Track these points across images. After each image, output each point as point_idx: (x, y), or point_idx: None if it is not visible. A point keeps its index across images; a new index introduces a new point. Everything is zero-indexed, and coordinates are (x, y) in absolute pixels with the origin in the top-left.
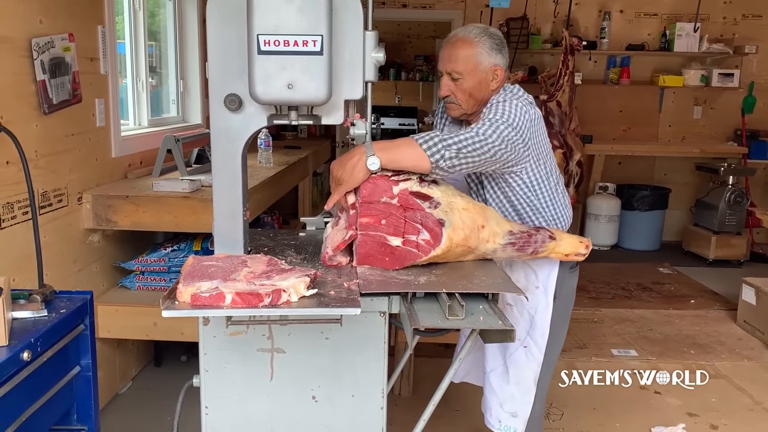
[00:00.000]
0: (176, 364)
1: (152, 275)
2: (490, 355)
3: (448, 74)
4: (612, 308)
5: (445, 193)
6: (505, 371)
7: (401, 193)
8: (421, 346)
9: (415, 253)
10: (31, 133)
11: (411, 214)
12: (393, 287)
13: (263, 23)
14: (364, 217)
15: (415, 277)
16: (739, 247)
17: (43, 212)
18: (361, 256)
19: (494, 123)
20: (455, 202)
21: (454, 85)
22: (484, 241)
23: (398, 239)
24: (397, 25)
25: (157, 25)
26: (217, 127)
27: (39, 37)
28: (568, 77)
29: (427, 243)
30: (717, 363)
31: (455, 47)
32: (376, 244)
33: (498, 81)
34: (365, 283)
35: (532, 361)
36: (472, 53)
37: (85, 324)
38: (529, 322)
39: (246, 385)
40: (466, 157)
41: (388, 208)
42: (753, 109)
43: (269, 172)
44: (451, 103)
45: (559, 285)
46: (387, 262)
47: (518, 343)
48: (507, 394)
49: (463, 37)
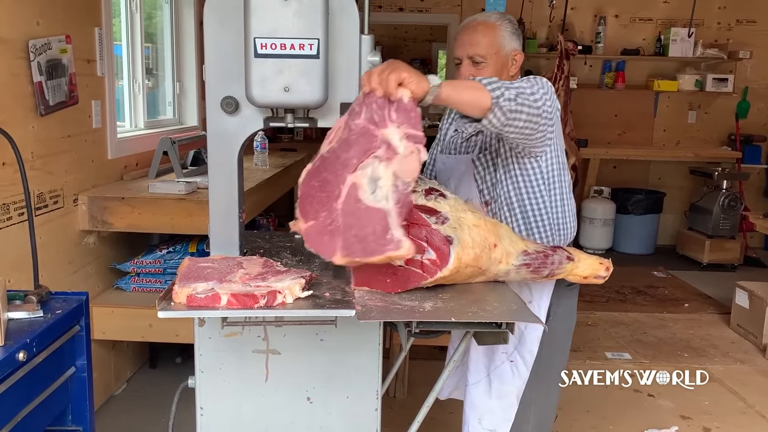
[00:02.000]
0: (171, 366)
1: (148, 277)
2: (473, 368)
3: (469, 59)
4: (606, 311)
5: (454, 208)
6: (488, 385)
7: None
8: (416, 348)
9: (419, 275)
10: (27, 135)
11: (415, 231)
12: (395, 315)
13: (260, 26)
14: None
15: (420, 302)
16: (732, 251)
17: (39, 213)
18: (359, 278)
19: (539, 85)
20: (465, 218)
21: (476, 70)
22: (497, 261)
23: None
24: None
25: (154, 27)
26: (214, 130)
27: (36, 38)
28: (564, 81)
29: (433, 263)
30: (710, 366)
31: (476, 31)
32: (377, 263)
33: (516, 67)
34: (364, 309)
35: (517, 378)
36: (494, 36)
37: (81, 325)
38: (518, 338)
39: (241, 386)
40: (521, 106)
41: None
42: (747, 114)
43: (265, 174)
44: None
45: (555, 302)
46: (388, 285)
47: (504, 356)
48: (487, 408)
49: (484, 21)
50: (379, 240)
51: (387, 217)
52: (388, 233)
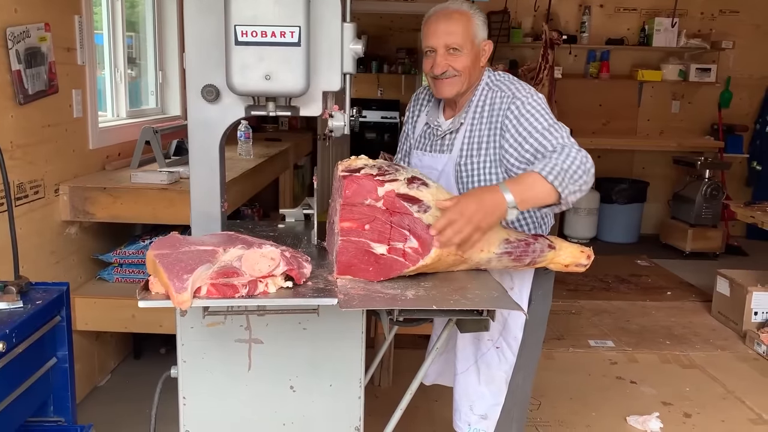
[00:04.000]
0: (155, 357)
1: (130, 267)
2: (461, 357)
3: (445, 47)
4: (590, 300)
5: (436, 196)
6: (476, 371)
7: (387, 195)
8: (401, 337)
9: (401, 263)
10: (6, 124)
11: (398, 219)
12: (377, 303)
13: (240, 14)
14: (345, 221)
15: (402, 290)
16: (714, 239)
17: (19, 204)
18: (342, 264)
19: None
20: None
21: (452, 59)
22: (478, 250)
23: (383, 246)
24: (379, 18)
25: (137, 15)
26: (195, 118)
27: (14, 26)
28: (548, 71)
29: (415, 251)
30: (692, 353)
31: (451, 19)
32: (358, 251)
33: (486, 56)
34: (346, 298)
35: (503, 363)
36: (469, 25)
37: (62, 315)
38: (503, 324)
39: (224, 375)
40: (579, 177)
41: (373, 211)
42: (729, 103)
43: (249, 164)
44: (450, 77)
45: (535, 287)
46: (371, 273)
47: (490, 343)
48: (477, 394)
49: (458, 9)
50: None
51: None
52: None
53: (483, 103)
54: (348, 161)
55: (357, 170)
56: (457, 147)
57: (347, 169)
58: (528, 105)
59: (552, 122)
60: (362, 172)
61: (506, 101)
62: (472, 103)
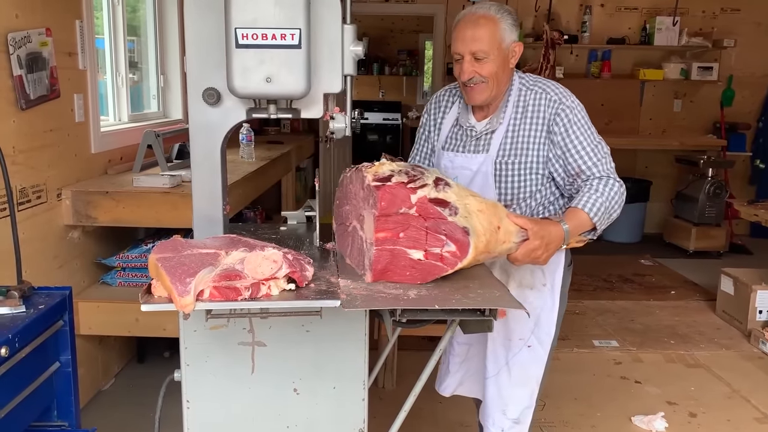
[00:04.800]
0: (159, 360)
1: (133, 271)
2: (491, 360)
3: (471, 54)
4: (594, 300)
5: (459, 195)
6: (508, 373)
7: (419, 202)
8: (405, 339)
9: (440, 267)
10: (8, 129)
11: (433, 224)
12: (379, 303)
13: (241, 17)
14: (380, 231)
15: (404, 290)
16: (718, 238)
17: (21, 208)
18: (378, 272)
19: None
20: (470, 205)
21: (479, 65)
22: (501, 242)
23: (419, 252)
24: (380, 20)
25: (138, 20)
26: (196, 122)
27: (15, 31)
28: (549, 71)
29: (453, 255)
30: (696, 352)
31: (478, 25)
32: (394, 257)
33: (515, 59)
34: (349, 298)
35: (537, 361)
36: (496, 30)
37: (65, 320)
38: (534, 322)
39: (227, 378)
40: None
41: (407, 219)
42: (732, 102)
43: (251, 166)
44: (478, 84)
45: (563, 283)
46: (409, 277)
47: (522, 343)
48: (511, 397)
49: (485, 14)
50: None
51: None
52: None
53: (524, 104)
54: (373, 168)
55: (387, 178)
56: (495, 147)
57: (377, 178)
58: (575, 115)
59: (597, 139)
60: (393, 180)
61: (553, 105)
62: (508, 103)
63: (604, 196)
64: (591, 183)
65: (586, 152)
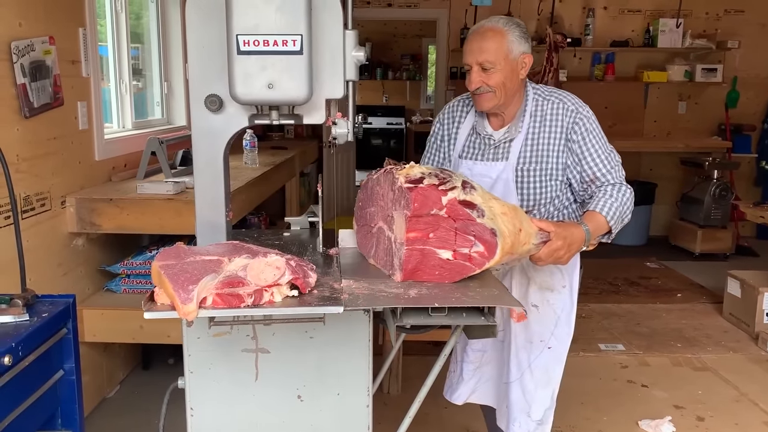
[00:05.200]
0: (164, 367)
1: (138, 278)
2: (514, 363)
3: (478, 65)
4: (600, 303)
5: (483, 198)
6: (531, 375)
7: (450, 203)
8: (411, 344)
9: (468, 267)
10: (12, 137)
11: (462, 225)
12: (381, 302)
13: (242, 23)
14: (411, 231)
15: (405, 290)
16: (724, 240)
17: (26, 216)
18: (408, 271)
19: (622, 175)
20: (493, 207)
21: (486, 75)
22: (522, 243)
23: (448, 252)
24: (384, 25)
25: (142, 27)
26: (199, 128)
27: (18, 40)
28: (553, 74)
29: (481, 255)
30: (703, 355)
31: (485, 38)
32: (425, 257)
33: (526, 69)
34: (351, 297)
35: (558, 362)
36: (502, 42)
37: (68, 328)
38: (555, 323)
39: (231, 385)
40: (627, 217)
41: (437, 220)
42: (736, 103)
43: (255, 172)
44: (484, 93)
45: (580, 284)
46: (438, 276)
47: (542, 345)
48: (534, 399)
49: (492, 27)
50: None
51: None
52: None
53: (541, 113)
54: (404, 170)
55: (419, 180)
56: (514, 154)
57: (410, 180)
58: (591, 124)
59: (610, 148)
60: (424, 182)
61: (570, 115)
62: (525, 112)
63: (618, 201)
64: (605, 189)
65: (601, 160)
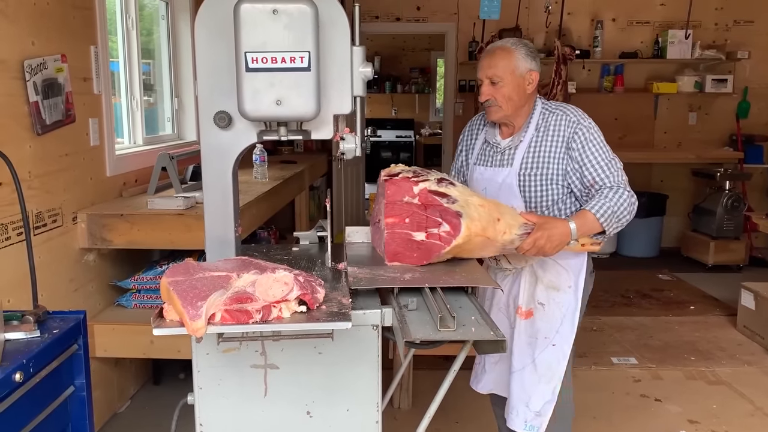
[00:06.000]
0: (175, 382)
1: (148, 293)
2: (517, 354)
3: (488, 79)
4: (611, 316)
5: (462, 193)
6: (533, 368)
7: (421, 192)
8: (421, 359)
9: (438, 245)
10: (24, 154)
11: (432, 210)
12: (380, 282)
13: (250, 41)
14: (389, 217)
15: (401, 274)
16: (738, 252)
17: (37, 232)
18: (391, 253)
19: (624, 180)
20: (471, 200)
21: (494, 89)
22: (501, 232)
23: (422, 234)
24: (392, 39)
25: (153, 43)
26: (208, 144)
27: (31, 58)
28: (562, 86)
29: (448, 234)
30: (717, 369)
31: (495, 55)
32: (402, 241)
33: (533, 85)
34: (355, 280)
35: (561, 358)
36: (510, 59)
37: (79, 344)
38: (560, 320)
39: (240, 401)
40: (623, 217)
41: (410, 206)
42: (747, 114)
43: (264, 187)
44: (492, 106)
45: (586, 287)
46: (415, 258)
47: (547, 341)
48: (536, 391)
49: (502, 46)
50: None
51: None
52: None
53: (546, 124)
54: (388, 169)
55: (396, 174)
56: (518, 161)
57: (387, 173)
58: (592, 134)
59: (611, 156)
60: (400, 175)
61: (571, 125)
62: (531, 123)
63: (612, 201)
64: (602, 191)
65: (600, 166)
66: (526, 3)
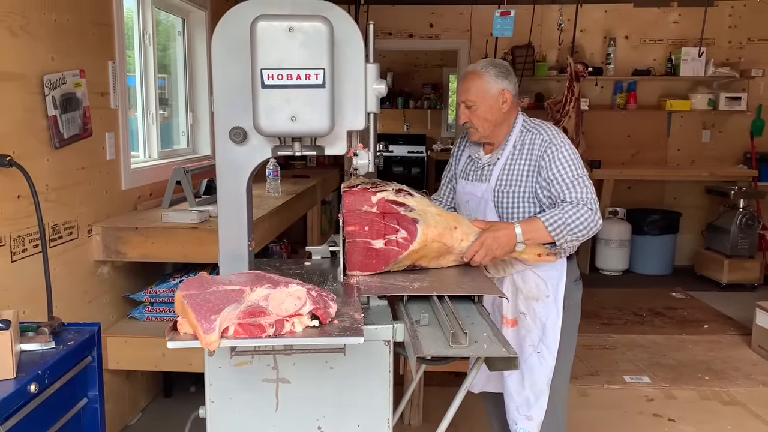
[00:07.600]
0: (186, 395)
1: (161, 306)
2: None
3: (463, 103)
4: (624, 334)
5: (420, 203)
6: (520, 376)
7: (379, 201)
8: (432, 375)
9: (396, 251)
10: (42, 168)
11: (390, 218)
12: (391, 291)
13: (266, 58)
14: (349, 225)
15: (410, 283)
16: (752, 270)
17: (53, 245)
18: (352, 263)
19: (588, 198)
20: (428, 210)
21: (470, 112)
22: (458, 240)
23: (381, 241)
24: (405, 55)
25: (169, 58)
26: (223, 160)
27: (51, 73)
28: (574, 103)
29: (405, 239)
30: (732, 389)
31: (466, 80)
32: (362, 249)
33: (508, 104)
34: (365, 288)
35: (545, 366)
36: (480, 82)
37: (93, 356)
38: (542, 329)
39: (251, 415)
40: (574, 231)
41: (369, 215)
42: (762, 131)
43: (277, 201)
44: (470, 128)
45: (567, 296)
46: (374, 265)
47: (532, 349)
48: (522, 398)
49: (472, 70)
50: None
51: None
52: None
53: (522, 142)
54: (348, 181)
55: (354, 186)
56: (494, 177)
57: (347, 185)
58: (561, 152)
59: (579, 174)
60: (359, 187)
61: (543, 144)
62: (509, 141)
63: (567, 214)
64: (562, 205)
65: (566, 182)
66: (538, 20)
